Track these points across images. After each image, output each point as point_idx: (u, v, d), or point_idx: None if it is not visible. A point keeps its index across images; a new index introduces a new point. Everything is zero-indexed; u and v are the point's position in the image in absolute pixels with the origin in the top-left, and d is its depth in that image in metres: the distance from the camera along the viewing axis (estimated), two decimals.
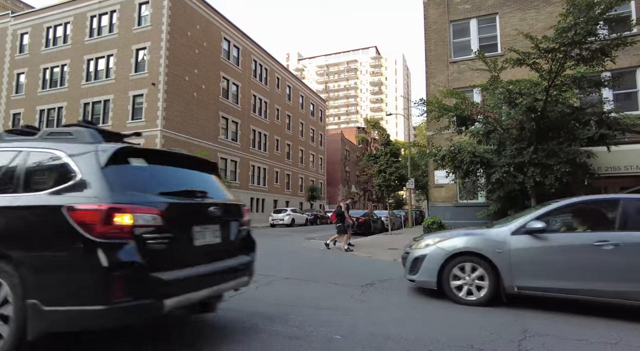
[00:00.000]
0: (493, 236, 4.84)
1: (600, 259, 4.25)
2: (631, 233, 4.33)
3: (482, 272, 4.67)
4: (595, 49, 8.47)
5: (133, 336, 3.16)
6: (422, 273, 4.98)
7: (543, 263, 4.50)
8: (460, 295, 4.71)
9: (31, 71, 28.42)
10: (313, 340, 3.19)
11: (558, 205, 4.89)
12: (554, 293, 4.52)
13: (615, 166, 10.53)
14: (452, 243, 4.93)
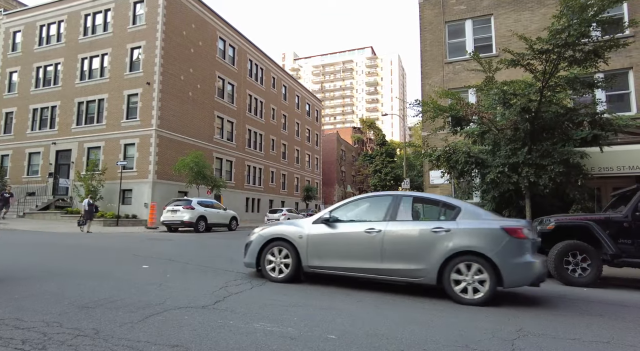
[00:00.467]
0: (300, 225, 5.84)
1: (367, 243, 5.27)
2: (392, 222, 5.32)
3: (288, 255, 5.71)
4: (589, 50, 8.56)
5: None
6: (248, 255, 6.02)
7: (329, 247, 5.52)
8: (273, 275, 5.78)
9: (24, 70, 28.14)
10: (308, 339, 3.19)
11: (347, 200, 5.98)
12: (338, 272, 5.52)
13: (608, 166, 10.62)
14: (269, 231, 5.97)
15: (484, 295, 4.70)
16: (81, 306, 3.95)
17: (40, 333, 3.10)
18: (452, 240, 4.91)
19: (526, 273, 4.75)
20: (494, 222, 5.05)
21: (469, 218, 5.13)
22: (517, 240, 4.81)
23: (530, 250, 4.89)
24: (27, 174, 26.71)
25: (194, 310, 3.96)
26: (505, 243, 4.78)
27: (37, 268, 6.25)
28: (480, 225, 5.02)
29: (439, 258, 4.88)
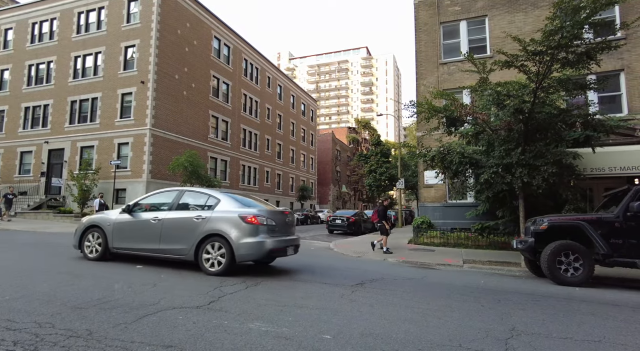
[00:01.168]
0: (110, 214, 7.26)
1: (151, 229, 6.62)
2: (171, 211, 6.68)
3: (99, 238, 7.10)
4: (581, 52, 8.64)
5: None
6: (73, 239, 7.45)
7: (127, 232, 6.86)
8: (88, 253, 7.15)
9: (16, 67, 27.80)
10: (303, 340, 3.19)
11: (150, 193, 7.39)
12: (132, 252, 6.78)
13: (600, 167, 10.73)
14: (87, 219, 7.48)
15: (223, 267, 6.06)
16: (74, 306, 3.92)
17: (32, 334, 3.07)
18: (206, 226, 6.27)
19: (256, 250, 6.07)
20: (236, 211, 6.28)
21: (225, 208, 6.43)
22: (250, 225, 6.10)
23: (263, 232, 6.18)
24: (18, 173, 26.40)
25: (188, 310, 3.95)
26: (241, 227, 6.10)
27: (29, 269, 6.18)
28: (226, 214, 6.29)
29: (195, 239, 6.25)
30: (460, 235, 13.68)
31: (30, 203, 23.28)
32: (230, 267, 6.07)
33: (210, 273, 6.07)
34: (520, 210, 9.70)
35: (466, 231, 13.84)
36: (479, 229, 13.52)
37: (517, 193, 9.83)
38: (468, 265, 9.19)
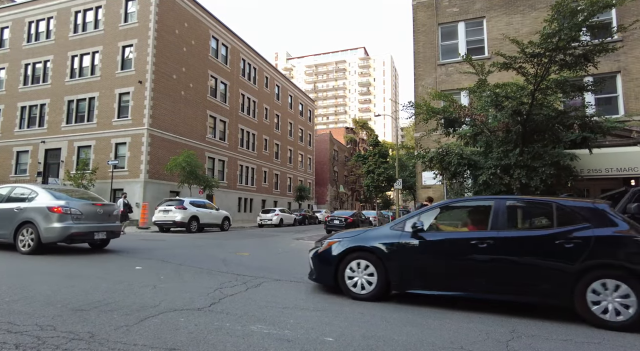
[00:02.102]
0: None
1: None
2: (1, 204, 8.38)
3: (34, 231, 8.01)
4: (579, 54, 8.70)
5: None
6: None
7: None
8: (21, 247, 7.92)
9: (12, 66, 27.65)
10: (305, 342, 3.20)
11: None
12: None
13: (597, 168, 10.80)
14: None
15: (32, 247, 7.76)
16: (75, 309, 3.91)
17: (34, 337, 3.06)
18: (22, 215, 7.89)
19: (58, 234, 7.70)
20: (46, 203, 7.85)
21: (40, 200, 7.97)
22: (55, 213, 7.71)
23: (66, 220, 7.78)
24: (15, 173, 26.26)
25: (189, 312, 3.95)
26: (47, 215, 7.71)
27: (27, 270, 6.16)
28: (38, 205, 7.90)
29: (14, 226, 7.93)
30: None
31: None
32: (39, 248, 7.75)
33: (23, 253, 7.75)
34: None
35: None
36: None
37: (515, 194, 9.88)
38: None
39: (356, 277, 4.99)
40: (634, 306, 3.81)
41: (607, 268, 4.04)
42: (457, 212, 5.54)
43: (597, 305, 3.97)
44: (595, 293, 4.00)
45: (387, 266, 4.86)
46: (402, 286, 4.87)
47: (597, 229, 4.22)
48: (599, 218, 4.33)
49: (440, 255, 4.78)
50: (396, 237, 4.98)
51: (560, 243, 4.25)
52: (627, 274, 3.92)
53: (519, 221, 4.85)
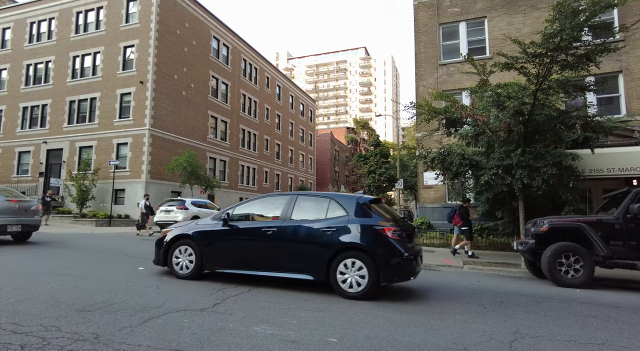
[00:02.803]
0: None
1: None
2: None
3: None
4: (581, 54, 8.69)
5: None
6: None
7: None
8: None
9: (14, 67, 27.70)
10: (309, 343, 3.21)
11: None
12: None
13: (599, 168, 10.80)
14: None
15: None
16: (79, 309, 3.92)
17: (39, 338, 3.07)
18: None
19: None
20: None
21: None
22: None
23: None
24: (16, 173, 26.31)
25: (193, 313, 3.96)
26: None
27: (29, 271, 6.18)
28: None
29: None
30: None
31: None
32: None
33: None
34: (520, 212, 9.74)
35: None
36: (479, 230, 13.57)
37: (517, 194, 9.88)
38: (468, 267, 9.23)
39: (181, 260, 5.96)
40: (366, 280, 4.99)
41: (352, 249, 5.15)
42: (265, 204, 6.25)
43: (343, 278, 5.12)
44: (343, 270, 5.15)
45: (203, 250, 5.82)
46: (213, 266, 5.80)
47: (351, 219, 5.29)
48: (358, 210, 5.37)
49: (240, 240, 5.75)
50: (212, 226, 5.96)
51: (323, 231, 5.30)
52: (364, 254, 5.07)
53: (307, 213, 5.67)
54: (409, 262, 5.13)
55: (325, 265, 5.18)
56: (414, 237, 5.82)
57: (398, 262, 5.04)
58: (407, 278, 5.26)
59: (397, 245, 5.09)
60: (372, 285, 4.98)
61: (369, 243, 5.08)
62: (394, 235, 5.12)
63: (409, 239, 5.46)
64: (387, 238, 5.10)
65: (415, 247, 5.61)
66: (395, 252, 5.06)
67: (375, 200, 5.70)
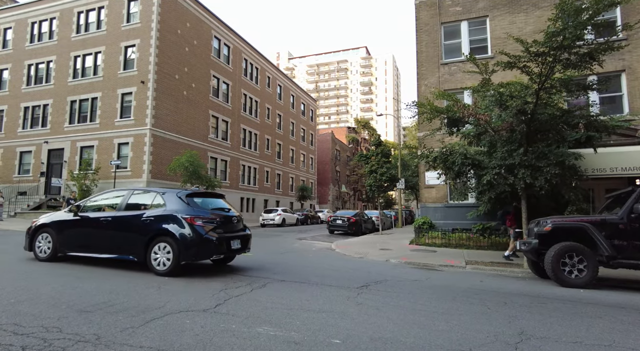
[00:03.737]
0: None
1: None
2: None
3: None
4: (584, 53, 8.63)
5: None
6: None
7: None
8: None
9: (15, 67, 27.72)
10: (312, 344, 3.17)
11: None
12: None
13: (601, 168, 10.73)
14: None
15: None
16: (80, 310, 3.89)
17: (40, 339, 3.04)
18: None
19: None
20: None
21: None
22: None
23: None
24: (18, 173, 26.33)
25: (195, 313, 3.93)
26: None
27: (31, 270, 6.15)
28: None
29: None
30: (462, 236, 13.68)
31: (30, 203, 23.21)
32: None
33: None
34: (523, 211, 9.69)
35: (467, 231, 13.84)
36: (480, 230, 13.52)
37: (519, 194, 9.82)
38: (471, 267, 9.18)
39: (41, 245, 7.15)
40: (171, 260, 6.06)
41: (163, 235, 6.21)
42: (109, 197, 7.30)
43: (155, 258, 6.18)
44: (156, 251, 6.21)
45: (59, 237, 6.99)
46: (66, 250, 6.92)
47: (167, 210, 6.38)
48: (174, 203, 6.46)
49: (84, 228, 6.88)
50: (65, 216, 7.16)
51: (144, 220, 6.42)
52: (171, 239, 6.13)
53: (136, 205, 6.79)
54: (208, 245, 6.18)
55: (144, 248, 6.27)
56: (234, 225, 6.94)
57: (197, 245, 6.07)
58: (206, 258, 6.47)
59: (200, 231, 6.14)
60: (176, 264, 6.05)
61: (175, 230, 6.16)
62: (198, 223, 6.19)
63: (224, 227, 6.58)
64: (191, 226, 6.14)
65: (228, 233, 6.62)
66: (195, 237, 6.09)
67: (193, 194, 6.80)
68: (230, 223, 6.85)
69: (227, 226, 6.72)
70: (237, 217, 7.15)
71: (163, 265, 6.09)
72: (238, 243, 6.78)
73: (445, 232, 14.31)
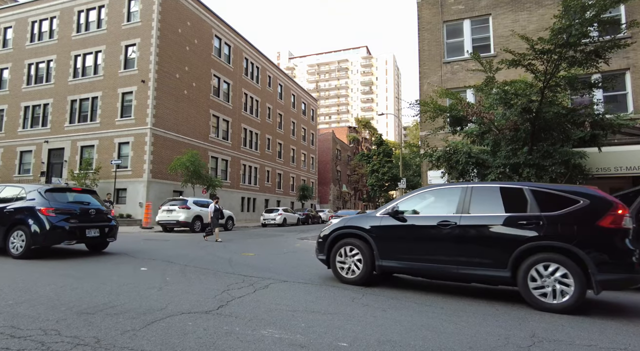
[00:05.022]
0: None
1: None
2: None
3: None
4: (589, 51, 8.53)
5: None
6: None
7: None
8: None
9: (15, 66, 27.66)
10: (319, 347, 3.07)
11: None
12: None
13: (606, 167, 10.63)
14: None
15: None
16: (79, 312, 3.80)
17: (38, 343, 2.95)
18: None
19: None
20: None
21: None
22: None
23: None
24: (18, 173, 26.27)
25: (197, 315, 3.83)
26: None
27: (28, 271, 6.06)
28: None
29: None
30: None
31: None
32: None
33: None
34: None
35: None
36: None
37: None
38: None
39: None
40: (24, 245, 7.27)
41: (19, 224, 7.39)
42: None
43: (12, 244, 7.41)
44: (13, 238, 7.42)
45: None
46: None
47: (26, 202, 7.57)
48: (33, 196, 7.59)
49: None
50: None
51: (6, 211, 7.64)
52: (25, 227, 7.34)
53: (7, 198, 7.86)
54: (58, 232, 7.35)
55: (4, 236, 7.48)
56: (93, 217, 8.04)
57: (47, 232, 7.23)
58: (56, 243, 7.51)
59: (51, 221, 7.28)
60: (27, 248, 7.21)
61: (29, 219, 7.28)
62: (50, 214, 7.31)
63: (79, 218, 7.75)
64: (44, 216, 7.24)
65: (83, 223, 7.80)
66: (46, 225, 7.22)
67: (54, 189, 7.93)
68: (87, 215, 7.99)
69: (84, 217, 7.89)
70: (96, 209, 8.22)
71: (17, 250, 7.28)
72: (96, 232, 8.02)
73: None
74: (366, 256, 5.52)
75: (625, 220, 4.45)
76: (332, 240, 5.91)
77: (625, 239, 4.40)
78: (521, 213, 4.75)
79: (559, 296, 4.41)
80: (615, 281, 4.32)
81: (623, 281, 4.31)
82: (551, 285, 4.45)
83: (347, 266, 5.72)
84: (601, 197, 4.74)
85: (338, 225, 5.97)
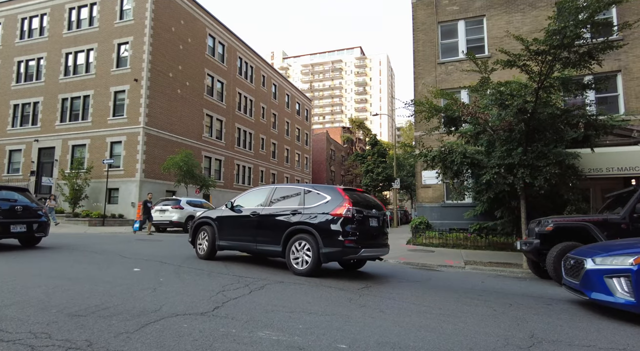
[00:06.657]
0: None
1: None
2: None
3: None
4: (583, 52, 8.60)
5: None
6: None
7: None
8: None
9: (4, 64, 27.19)
10: (317, 349, 3.02)
11: None
12: None
13: (598, 168, 10.72)
14: None
15: None
16: (71, 314, 3.70)
17: (28, 346, 2.85)
18: None
19: None
20: None
21: None
22: None
23: None
24: (7, 172, 25.81)
25: (192, 317, 3.75)
26: None
27: (18, 272, 5.92)
28: None
29: None
30: (459, 236, 13.62)
31: None
32: None
33: None
34: (522, 211, 9.63)
35: (464, 231, 13.78)
36: (477, 229, 13.47)
37: (518, 194, 9.77)
38: (470, 267, 9.10)
39: None
40: None
41: None
42: None
43: None
44: None
45: None
46: None
47: None
48: None
49: None
50: None
51: None
52: None
53: None
54: None
55: None
56: (19, 213, 8.42)
57: None
58: None
59: None
60: None
61: None
62: None
63: (4, 214, 8.10)
64: None
65: (8, 219, 8.18)
66: None
67: None
68: (13, 211, 8.34)
69: (9, 213, 8.23)
70: (23, 206, 8.56)
71: None
72: (22, 228, 8.40)
73: (442, 231, 14.24)
74: (210, 238, 7.67)
75: (346, 211, 6.08)
76: (195, 227, 8.14)
77: (346, 225, 6.05)
78: (295, 206, 6.65)
79: (303, 264, 6.32)
80: (332, 253, 6.08)
81: (336, 253, 6.07)
82: (301, 256, 6.34)
83: (201, 246, 7.92)
84: (339, 194, 6.36)
85: (201, 216, 8.19)
